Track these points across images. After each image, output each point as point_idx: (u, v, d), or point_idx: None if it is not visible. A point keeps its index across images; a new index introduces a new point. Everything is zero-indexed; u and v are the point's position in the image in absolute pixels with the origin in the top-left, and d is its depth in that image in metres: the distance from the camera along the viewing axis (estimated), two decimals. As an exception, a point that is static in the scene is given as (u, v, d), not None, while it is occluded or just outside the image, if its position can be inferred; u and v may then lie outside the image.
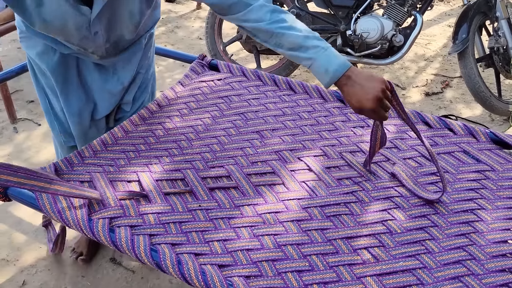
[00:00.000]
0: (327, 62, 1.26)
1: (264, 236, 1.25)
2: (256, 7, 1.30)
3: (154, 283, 1.91)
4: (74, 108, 1.61)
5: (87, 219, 1.25)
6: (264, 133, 1.64)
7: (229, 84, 1.90)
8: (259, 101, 1.81)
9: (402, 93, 3.23)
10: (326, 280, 1.14)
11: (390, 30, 2.86)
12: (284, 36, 1.28)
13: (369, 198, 1.38)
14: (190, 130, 1.64)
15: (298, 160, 1.52)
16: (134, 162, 1.48)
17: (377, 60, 2.96)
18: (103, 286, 1.91)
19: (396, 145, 1.59)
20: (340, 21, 2.96)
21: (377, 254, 1.21)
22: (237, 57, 3.67)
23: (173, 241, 1.22)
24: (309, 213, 1.33)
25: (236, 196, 1.37)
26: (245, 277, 1.14)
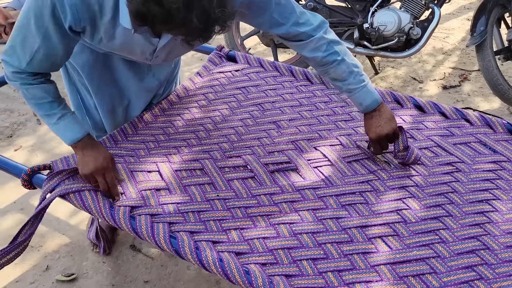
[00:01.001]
0: (363, 97, 1.46)
1: (280, 225, 1.28)
2: (316, 39, 1.43)
3: (173, 269, 1.96)
4: (108, 105, 1.62)
5: (109, 206, 1.29)
6: (281, 123, 1.66)
7: (246, 75, 1.93)
8: (276, 91, 1.83)
9: (420, 86, 3.22)
10: (341, 268, 1.17)
11: (407, 23, 2.84)
12: (332, 69, 1.44)
13: (384, 188, 1.40)
14: (208, 121, 1.67)
15: (314, 150, 1.54)
16: (154, 153, 1.52)
17: (394, 53, 2.94)
18: (123, 272, 1.96)
19: (412, 135, 1.60)
20: (357, 14, 2.94)
21: (391, 243, 1.23)
22: (255, 51, 3.68)
23: (191, 229, 1.26)
24: (325, 202, 1.35)
25: (253, 186, 1.40)
26: (261, 264, 1.17)
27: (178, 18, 1.01)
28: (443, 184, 1.41)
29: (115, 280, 1.92)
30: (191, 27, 1.03)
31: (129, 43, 1.33)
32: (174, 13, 1.00)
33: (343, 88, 1.47)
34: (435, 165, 1.48)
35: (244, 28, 3.49)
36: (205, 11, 1.02)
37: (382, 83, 3.27)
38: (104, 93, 1.60)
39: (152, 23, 1.04)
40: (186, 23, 1.02)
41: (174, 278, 1.92)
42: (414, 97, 1.76)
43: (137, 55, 1.40)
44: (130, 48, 1.36)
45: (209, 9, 1.02)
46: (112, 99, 1.62)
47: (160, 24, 1.04)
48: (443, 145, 1.55)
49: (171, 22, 1.02)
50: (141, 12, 1.01)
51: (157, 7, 0.99)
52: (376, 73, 3.35)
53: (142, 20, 1.04)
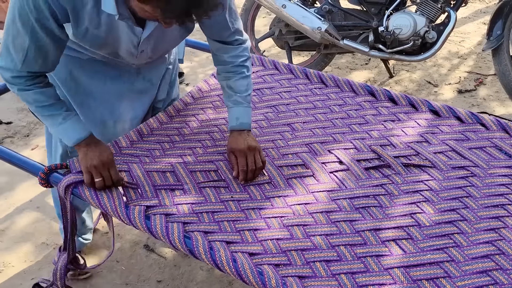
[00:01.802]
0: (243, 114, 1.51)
1: (293, 227, 1.28)
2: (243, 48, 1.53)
3: (186, 269, 1.97)
4: (96, 117, 1.57)
5: (124, 206, 1.30)
6: (295, 125, 1.67)
7: (261, 77, 1.94)
8: (291, 94, 1.84)
9: (435, 90, 3.20)
10: (354, 271, 1.17)
11: (423, 26, 2.83)
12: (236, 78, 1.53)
13: (398, 191, 1.39)
14: (223, 122, 1.68)
15: (329, 153, 1.54)
16: (169, 153, 1.53)
17: (409, 57, 2.93)
18: (136, 271, 1.98)
19: (427, 139, 1.60)
20: (373, 18, 2.94)
21: (405, 246, 1.23)
22: (269, 53, 3.70)
23: (205, 229, 1.27)
24: (338, 205, 1.35)
25: (267, 188, 1.41)
26: (274, 265, 1.18)
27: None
28: (457, 188, 1.41)
29: (128, 279, 1.94)
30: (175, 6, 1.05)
31: (114, 33, 1.32)
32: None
33: (232, 97, 1.52)
34: (449, 169, 1.47)
35: (258, 30, 3.50)
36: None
37: (396, 87, 3.26)
38: (89, 106, 1.56)
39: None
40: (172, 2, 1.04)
41: (187, 278, 1.93)
42: (429, 100, 1.76)
43: (122, 49, 1.39)
44: (116, 38, 1.34)
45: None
46: (100, 111, 1.57)
47: None
48: (458, 149, 1.54)
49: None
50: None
51: None
52: (390, 76, 3.34)
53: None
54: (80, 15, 1.24)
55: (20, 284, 1.92)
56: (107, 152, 1.39)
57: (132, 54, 1.42)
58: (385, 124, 1.67)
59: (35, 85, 1.34)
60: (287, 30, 3.15)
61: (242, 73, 1.52)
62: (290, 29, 3.13)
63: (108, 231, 2.14)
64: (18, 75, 1.31)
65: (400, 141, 1.59)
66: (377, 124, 1.67)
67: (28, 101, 1.37)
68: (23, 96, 1.36)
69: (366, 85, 1.85)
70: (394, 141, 1.59)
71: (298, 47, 3.24)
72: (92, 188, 1.34)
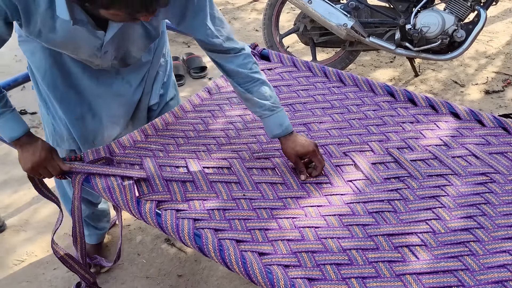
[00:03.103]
0: (283, 117, 1.46)
1: (305, 228, 1.27)
2: (245, 55, 1.47)
3: (206, 265, 1.98)
4: (75, 112, 1.55)
5: (136, 200, 1.31)
6: (311, 126, 1.65)
7: (279, 74, 1.92)
8: (308, 92, 1.82)
9: (461, 90, 3.12)
10: (365, 275, 1.15)
11: (452, 25, 2.76)
12: (257, 87, 1.46)
13: (413, 196, 1.36)
14: (238, 120, 1.67)
15: (344, 156, 1.51)
16: (183, 149, 1.53)
17: (436, 56, 2.87)
18: (157, 265, 1.99)
19: (446, 142, 1.56)
20: (400, 15, 2.88)
21: (418, 253, 1.20)
22: (293, 49, 3.67)
23: (216, 227, 1.26)
24: (351, 209, 1.33)
25: (280, 189, 1.40)
26: (284, 266, 1.16)
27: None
28: (475, 194, 1.37)
29: (149, 272, 1.96)
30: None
31: (72, 37, 1.29)
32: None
33: (266, 106, 1.44)
34: (468, 174, 1.43)
35: (282, 26, 3.48)
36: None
37: (422, 86, 3.19)
38: (69, 100, 1.53)
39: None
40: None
41: (207, 274, 1.94)
42: (450, 102, 1.71)
43: (84, 51, 1.36)
44: (75, 43, 1.32)
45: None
46: (79, 106, 1.54)
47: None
48: (478, 154, 1.50)
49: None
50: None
51: None
52: (416, 75, 3.27)
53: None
54: (32, 16, 1.21)
55: (42, 274, 1.95)
56: (40, 148, 1.35)
57: (95, 56, 1.39)
58: (403, 126, 1.64)
59: None
60: (312, 26, 3.11)
61: (258, 80, 1.46)
62: (315, 25, 3.10)
63: (129, 224, 2.17)
64: None
65: (418, 144, 1.55)
66: (395, 125, 1.64)
67: None
68: None
69: (386, 85, 1.82)
70: (412, 144, 1.55)
71: (323, 43, 3.21)
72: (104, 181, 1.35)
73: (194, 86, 3.28)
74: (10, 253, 2.04)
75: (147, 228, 2.15)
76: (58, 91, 1.51)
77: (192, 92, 3.17)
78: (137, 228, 2.15)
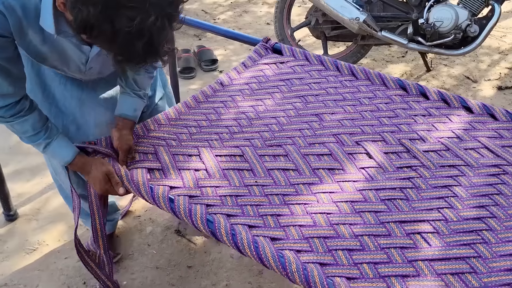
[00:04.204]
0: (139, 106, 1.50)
1: (317, 214, 1.27)
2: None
3: (216, 256, 1.99)
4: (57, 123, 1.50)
5: (149, 185, 1.32)
6: (323, 116, 1.65)
7: (291, 68, 1.92)
8: (320, 85, 1.82)
9: (473, 86, 3.11)
10: (377, 261, 1.15)
11: (465, 20, 2.75)
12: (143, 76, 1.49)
13: (426, 185, 1.36)
14: (251, 110, 1.68)
15: (356, 144, 1.52)
16: (196, 138, 1.54)
17: (449, 51, 2.86)
18: (167, 255, 2.01)
19: (458, 135, 1.55)
20: (413, 9, 2.87)
21: (430, 240, 1.20)
22: (304, 43, 3.67)
23: (228, 212, 1.27)
24: (364, 195, 1.33)
25: (292, 175, 1.40)
26: (296, 251, 1.17)
27: (123, 41, 0.97)
28: (488, 185, 1.36)
29: (159, 263, 1.97)
30: (131, 52, 1.00)
31: (59, 50, 1.28)
32: (122, 36, 0.96)
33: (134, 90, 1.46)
34: (480, 166, 1.43)
35: (292, 20, 3.48)
36: (152, 43, 0.99)
37: (434, 81, 3.18)
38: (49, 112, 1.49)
39: (96, 37, 1.00)
40: (129, 48, 0.99)
41: (217, 265, 1.95)
42: (462, 97, 1.71)
43: (71, 65, 1.35)
44: (61, 56, 1.30)
45: (157, 42, 0.99)
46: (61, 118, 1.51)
47: (103, 41, 1.00)
48: (491, 146, 1.49)
49: (115, 43, 0.99)
50: (90, 23, 0.97)
51: (108, 25, 0.96)
52: (428, 70, 3.26)
53: (86, 31, 0.99)
54: (23, 29, 1.19)
55: (54, 263, 1.97)
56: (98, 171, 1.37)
57: (80, 70, 1.38)
58: (415, 119, 1.63)
59: (15, 116, 1.31)
60: (324, 19, 3.11)
61: (151, 73, 1.49)
62: (327, 19, 3.10)
63: (139, 215, 2.18)
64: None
65: (430, 135, 1.55)
66: (407, 118, 1.64)
67: (12, 131, 1.36)
68: (7, 127, 1.35)
69: (398, 79, 1.81)
70: (424, 135, 1.55)
71: (335, 37, 3.20)
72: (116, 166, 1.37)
73: (205, 78, 3.29)
74: (22, 241, 2.06)
75: (157, 219, 2.16)
76: (38, 100, 1.46)
77: (203, 84, 3.19)
78: (147, 219, 2.16)
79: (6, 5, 1.10)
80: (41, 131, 1.36)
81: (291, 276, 1.10)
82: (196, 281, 1.89)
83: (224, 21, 4.06)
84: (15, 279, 1.90)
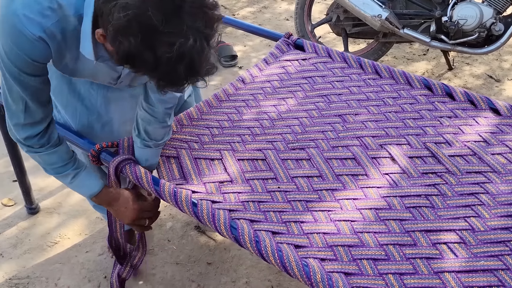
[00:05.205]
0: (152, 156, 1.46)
1: (341, 222, 1.26)
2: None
3: (235, 253, 1.99)
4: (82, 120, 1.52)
5: (173, 189, 1.32)
6: (347, 117, 1.63)
7: (313, 65, 1.90)
8: (343, 83, 1.79)
9: (496, 85, 3.05)
10: (402, 271, 1.13)
11: (490, 18, 2.68)
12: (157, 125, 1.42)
13: (452, 192, 1.34)
14: (273, 110, 1.66)
15: (380, 148, 1.49)
16: (218, 140, 1.53)
17: (472, 49, 2.79)
18: (187, 251, 2.02)
19: (485, 139, 1.52)
20: (436, 7, 2.81)
21: (457, 250, 1.18)
22: (324, 40, 3.62)
23: (251, 218, 1.26)
24: (388, 203, 1.31)
25: (315, 180, 1.39)
26: (320, 259, 1.16)
27: (165, 67, 0.98)
28: (517, 193, 1.34)
29: (179, 259, 1.98)
30: (173, 77, 1.00)
31: (93, 71, 1.29)
32: (164, 62, 0.97)
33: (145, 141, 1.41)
34: (508, 173, 1.40)
35: (314, 16, 3.44)
36: (193, 66, 0.99)
37: (455, 80, 3.13)
38: (75, 109, 1.50)
39: (138, 67, 1.01)
40: (171, 72, 0.99)
41: (236, 262, 1.95)
42: (490, 98, 1.67)
43: (102, 80, 1.37)
44: (95, 74, 1.32)
45: (198, 64, 0.99)
46: (87, 116, 1.51)
47: (146, 69, 1.00)
48: (520, 151, 1.46)
49: (157, 69, 0.99)
50: (132, 54, 0.98)
51: (150, 53, 0.96)
52: (450, 69, 3.20)
53: (128, 62, 1.00)
54: (62, 52, 1.19)
55: (75, 256, 1.99)
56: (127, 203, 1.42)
57: (110, 83, 1.40)
58: (441, 121, 1.60)
59: (46, 147, 1.32)
60: (345, 16, 3.06)
61: (164, 122, 1.43)
62: (348, 16, 3.05)
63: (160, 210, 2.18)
64: (27, 135, 1.29)
65: (456, 139, 1.52)
66: (433, 120, 1.61)
67: (40, 163, 1.38)
68: (34, 158, 1.36)
69: (423, 78, 1.78)
70: (450, 139, 1.52)
71: (356, 34, 3.15)
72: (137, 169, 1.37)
73: (225, 74, 3.27)
74: (44, 235, 2.08)
75: (177, 215, 2.17)
76: (64, 97, 1.49)
77: (222, 80, 3.17)
78: (168, 215, 2.17)
79: (48, 33, 1.11)
80: (70, 162, 1.37)
81: (315, 286, 1.09)
82: (216, 277, 1.90)
83: (243, 16, 4.02)
84: (37, 272, 1.92)
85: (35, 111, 1.26)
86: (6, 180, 2.36)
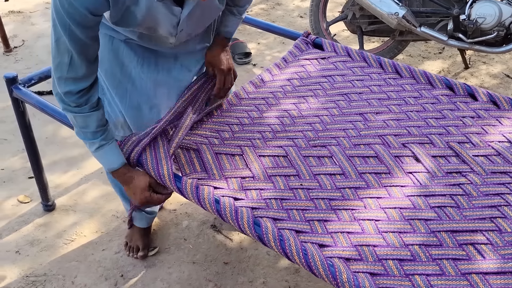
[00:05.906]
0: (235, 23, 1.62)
1: (365, 221, 1.24)
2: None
3: (252, 253, 1.98)
4: (132, 101, 1.55)
5: (195, 186, 1.31)
6: (368, 116, 1.61)
7: (333, 64, 1.88)
8: (363, 82, 1.77)
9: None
10: (429, 272, 1.11)
11: (509, 16, 2.65)
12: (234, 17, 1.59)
13: (477, 193, 1.32)
14: (293, 107, 1.65)
15: (403, 146, 1.47)
16: (238, 136, 1.52)
17: (490, 48, 2.76)
18: (203, 250, 2.00)
19: (509, 139, 1.50)
20: (454, 5, 2.78)
21: (484, 251, 1.16)
22: (339, 37, 3.60)
23: (274, 216, 1.25)
24: (412, 202, 1.29)
25: (338, 179, 1.37)
26: (345, 259, 1.14)
27: None
28: (544, 193, 1.31)
29: (195, 258, 1.97)
30: None
31: (152, 14, 1.28)
32: None
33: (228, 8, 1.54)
34: (535, 172, 1.37)
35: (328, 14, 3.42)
36: None
37: (472, 79, 3.09)
38: (125, 89, 1.54)
39: None
40: None
41: (253, 262, 1.94)
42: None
43: (161, 29, 1.35)
44: (154, 20, 1.30)
45: None
46: (136, 97, 1.55)
47: None
48: (546, 151, 1.44)
49: None
50: None
51: None
52: (466, 67, 3.17)
53: None
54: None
55: (91, 254, 1.99)
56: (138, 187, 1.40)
57: (171, 34, 1.39)
58: (464, 121, 1.58)
59: (82, 107, 1.32)
60: (361, 14, 3.04)
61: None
62: (364, 13, 3.03)
63: (175, 208, 2.18)
64: (68, 89, 1.29)
65: (480, 139, 1.50)
66: (456, 119, 1.59)
67: (73, 123, 1.37)
68: (70, 117, 1.36)
69: (445, 78, 1.76)
70: (473, 139, 1.50)
71: (371, 32, 3.13)
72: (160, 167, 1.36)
73: (239, 72, 3.24)
74: (60, 232, 2.08)
75: (193, 213, 2.16)
76: (115, 79, 1.53)
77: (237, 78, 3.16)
78: (183, 213, 2.16)
79: None
80: (100, 131, 1.37)
81: (341, 286, 1.07)
82: (233, 277, 1.88)
83: (256, 13, 4.01)
84: (54, 269, 1.92)
85: (79, 66, 1.26)
86: (22, 177, 2.36)
